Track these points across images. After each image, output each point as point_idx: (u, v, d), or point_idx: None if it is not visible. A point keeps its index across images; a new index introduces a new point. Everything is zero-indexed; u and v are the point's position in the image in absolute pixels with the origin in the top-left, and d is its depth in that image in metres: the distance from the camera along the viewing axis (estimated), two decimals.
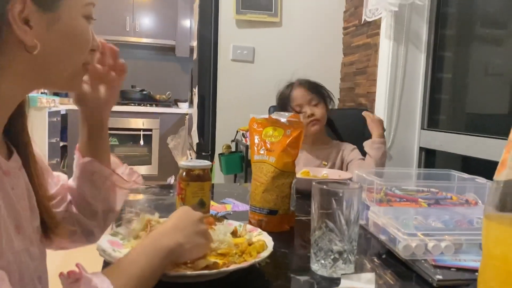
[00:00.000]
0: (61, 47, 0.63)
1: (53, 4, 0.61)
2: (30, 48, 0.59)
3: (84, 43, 0.67)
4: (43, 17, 0.60)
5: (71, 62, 0.66)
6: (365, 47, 2.47)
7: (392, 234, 0.84)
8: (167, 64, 5.29)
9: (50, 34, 0.61)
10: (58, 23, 0.62)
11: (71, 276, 0.51)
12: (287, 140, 0.98)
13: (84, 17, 0.66)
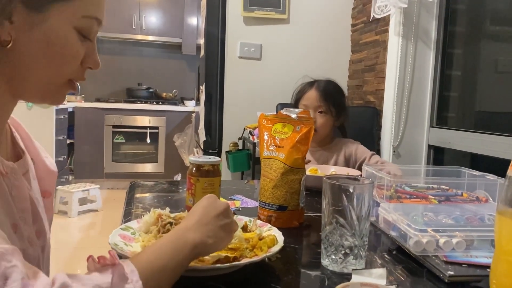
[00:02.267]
0: (39, 52, 0.59)
1: (42, 5, 0.58)
2: (3, 42, 0.56)
3: (67, 56, 0.62)
4: (28, 16, 0.57)
5: (49, 71, 0.62)
6: (374, 44, 2.46)
7: (403, 230, 0.84)
8: (174, 62, 5.30)
9: (31, 35, 0.58)
10: (42, 26, 0.58)
11: (100, 262, 0.51)
12: (296, 136, 0.98)
13: (76, 29, 0.62)
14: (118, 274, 0.49)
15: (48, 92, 0.64)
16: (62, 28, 0.60)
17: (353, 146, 1.75)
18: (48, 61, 0.61)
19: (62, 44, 0.61)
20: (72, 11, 0.60)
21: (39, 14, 0.58)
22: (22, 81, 0.61)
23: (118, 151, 4.75)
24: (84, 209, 3.76)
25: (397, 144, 2.22)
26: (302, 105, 1.72)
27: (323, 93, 1.70)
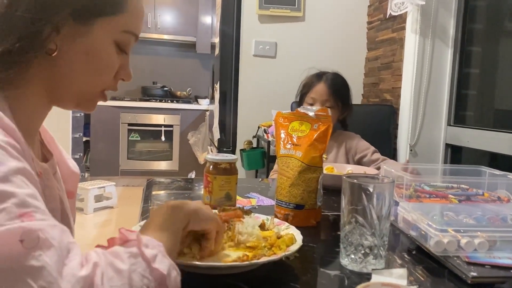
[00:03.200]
0: (80, 62, 0.62)
1: (88, 19, 0.60)
2: (49, 50, 0.59)
3: (104, 68, 0.65)
4: (74, 27, 0.60)
5: (85, 81, 0.64)
6: (390, 42, 2.43)
7: (423, 230, 0.83)
8: (188, 60, 5.32)
9: (75, 46, 0.61)
10: (86, 38, 0.61)
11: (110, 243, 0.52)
12: (314, 134, 0.97)
13: (116, 43, 0.64)
14: (138, 243, 0.51)
15: (83, 100, 0.67)
16: (103, 41, 0.63)
17: (354, 139, 1.74)
18: (87, 71, 0.63)
19: (101, 56, 0.63)
20: (114, 25, 0.63)
21: (84, 26, 0.60)
22: (61, 88, 0.64)
23: (133, 148, 4.79)
24: (100, 206, 3.80)
25: (414, 142, 2.19)
26: (310, 98, 1.70)
27: (331, 87, 1.69)
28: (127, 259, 0.48)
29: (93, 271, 0.44)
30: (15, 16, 0.55)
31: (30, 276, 0.40)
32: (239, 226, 0.76)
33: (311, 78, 1.74)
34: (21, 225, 0.42)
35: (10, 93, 0.57)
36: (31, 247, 0.41)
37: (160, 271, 0.50)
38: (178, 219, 0.62)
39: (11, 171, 0.45)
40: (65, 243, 0.45)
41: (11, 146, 0.48)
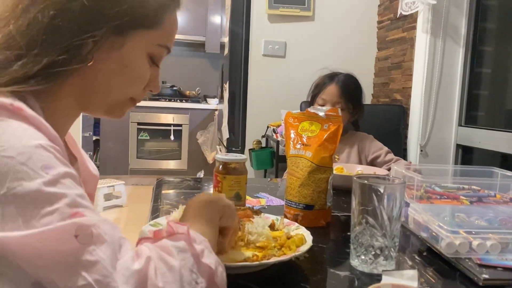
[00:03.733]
0: (114, 73, 0.63)
1: (124, 31, 0.61)
2: (85, 59, 0.60)
3: (136, 79, 0.66)
4: (109, 39, 0.60)
5: (117, 91, 0.66)
6: (401, 41, 2.41)
7: (434, 231, 0.82)
8: (197, 60, 5.33)
9: (109, 56, 0.62)
10: (121, 49, 0.62)
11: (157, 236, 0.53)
12: (324, 134, 0.97)
13: (149, 55, 0.66)
14: (184, 237, 0.51)
15: (112, 108, 0.68)
16: (137, 53, 0.64)
17: (367, 140, 1.73)
18: (119, 81, 0.65)
19: (134, 67, 0.65)
20: (149, 38, 0.64)
21: (121, 38, 0.61)
22: (93, 98, 0.65)
23: (143, 148, 4.81)
24: (109, 204, 3.83)
25: (425, 143, 2.17)
26: (321, 99, 1.70)
27: (343, 89, 1.68)
28: (177, 254, 0.48)
29: (146, 264, 0.45)
30: (60, 28, 0.56)
31: (86, 270, 0.41)
32: (249, 226, 0.76)
33: (323, 79, 1.74)
34: (75, 221, 0.43)
35: (46, 105, 0.58)
36: (85, 242, 0.42)
37: (209, 266, 0.50)
38: (214, 212, 0.63)
39: (61, 174, 0.47)
40: (116, 238, 0.46)
41: (56, 150, 0.49)
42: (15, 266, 0.42)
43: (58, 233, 0.42)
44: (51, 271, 0.41)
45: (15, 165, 0.45)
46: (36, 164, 0.46)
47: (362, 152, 1.71)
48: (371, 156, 1.70)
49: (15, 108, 0.49)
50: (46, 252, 0.41)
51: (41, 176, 0.45)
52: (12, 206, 0.43)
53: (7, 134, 0.47)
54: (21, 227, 0.42)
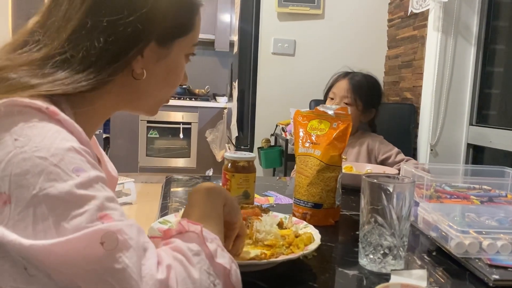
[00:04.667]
0: (161, 79, 0.67)
1: (169, 42, 0.65)
2: (137, 75, 0.63)
3: (179, 79, 0.71)
4: (156, 51, 0.64)
5: (163, 93, 0.70)
6: (411, 40, 2.39)
7: (443, 231, 0.81)
8: (206, 58, 5.34)
9: (157, 67, 0.65)
10: (166, 58, 0.66)
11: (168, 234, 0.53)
12: (333, 133, 0.97)
13: (186, 55, 0.70)
14: (196, 238, 0.51)
15: (153, 108, 0.72)
16: (179, 58, 0.68)
17: (377, 140, 1.72)
18: (165, 86, 0.69)
19: (178, 72, 0.70)
20: (187, 42, 0.68)
21: (165, 49, 0.65)
22: (135, 102, 0.69)
23: (152, 145, 4.84)
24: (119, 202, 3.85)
25: (435, 142, 2.15)
26: (332, 92, 1.71)
27: (353, 85, 1.68)
28: (192, 258, 0.48)
29: (167, 274, 0.45)
30: (108, 41, 0.57)
31: (113, 278, 0.42)
32: (257, 224, 0.77)
33: (338, 75, 1.75)
34: (101, 228, 0.43)
35: (79, 110, 0.59)
36: (111, 249, 0.43)
37: (223, 266, 0.50)
38: (217, 202, 0.62)
39: (91, 177, 0.47)
40: (141, 243, 0.46)
41: (87, 153, 0.50)
42: (43, 271, 0.43)
43: (84, 240, 0.42)
44: (78, 279, 0.42)
45: (48, 166, 0.45)
46: (68, 166, 0.46)
47: (372, 152, 1.70)
48: (381, 157, 1.69)
49: (50, 111, 0.50)
50: (73, 260, 0.42)
51: (72, 178, 0.46)
52: (44, 206, 0.44)
53: (41, 135, 0.47)
54: (51, 228, 0.43)
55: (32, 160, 0.45)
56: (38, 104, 0.50)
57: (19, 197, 0.44)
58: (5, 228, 0.43)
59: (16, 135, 0.47)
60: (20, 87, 0.51)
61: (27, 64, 0.55)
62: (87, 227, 0.43)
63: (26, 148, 0.46)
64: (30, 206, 0.44)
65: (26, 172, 0.45)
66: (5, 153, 0.46)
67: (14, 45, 0.58)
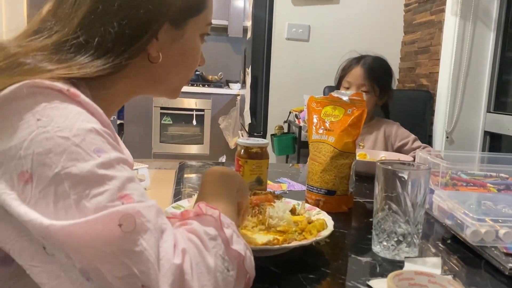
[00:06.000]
0: (178, 61, 0.67)
1: (183, 22, 0.64)
2: (153, 58, 0.63)
3: (196, 62, 0.70)
4: (170, 33, 0.63)
5: (182, 75, 0.70)
6: (428, 25, 2.34)
7: (459, 219, 0.80)
8: (220, 45, 5.31)
9: (172, 49, 0.65)
10: (181, 40, 0.65)
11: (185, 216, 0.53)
12: (348, 119, 0.95)
13: (201, 35, 0.69)
14: (214, 222, 0.51)
15: (173, 91, 0.72)
16: (194, 38, 0.68)
17: (394, 126, 1.70)
18: (183, 68, 0.69)
19: (194, 53, 0.69)
20: (201, 21, 0.67)
21: (179, 29, 0.64)
22: (154, 86, 0.68)
23: (166, 132, 4.86)
24: None
25: (451, 129, 2.12)
26: (346, 81, 1.68)
27: (368, 71, 1.65)
28: (208, 243, 0.48)
29: (183, 259, 0.45)
30: (127, 31, 0.58)
31: (131, 260, 0.42)
32: (270, 210, 0.77)
33: (349, 62, 1.71)
34: (118, 209, 0.43)
35: (97, 93, 0.59)
36: (129, 231, 0.43)
37: (238, 252, 0.50)
38: (232, 186, 0.64)
39: (112, 158, 0.48)
40: (159, 224, 0.46)
41: (108, 135, 0.50)
42: (62, 251, 0.43)
43: (102, 222, 0.42)
44: (96, 260, 0.42)
45: (70, 146, 0.46)
46: (89, 146, 0.47)
47: (389, 139, 1.68)
48: (397, 144, 1.67)
49: (71, 93, 0.50)
50: (91, 241, 0.42)
51: (93, 158, 0.46)
52: (65, 185, 0.44)
53: (63, 116, 0.48)
54: (72, 206, 0.43)
55: (54, 139, 0.46)
56: (59, 86, 0.50)
57: (41, 176, 0.45)
58: (27, 206, 0.44)
59: (39, 115, 0.47)
60: (38, 71, 0.52)
61: (38, 49, 0.55)
62: (107, 206, 0.43)
63: (49, 128, 0.46)
64: (52, 185, 0.44)
65: (49, 151, 0.45)
66: (28, 132, 0.46)
67: (26, 33, 0.58)
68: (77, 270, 0.43)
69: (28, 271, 0.45)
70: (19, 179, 0.45)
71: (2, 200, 0.45)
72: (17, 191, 0.45)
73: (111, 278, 0.42)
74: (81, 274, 0.43)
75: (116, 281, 0.42)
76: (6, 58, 0.53)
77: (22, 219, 0.44)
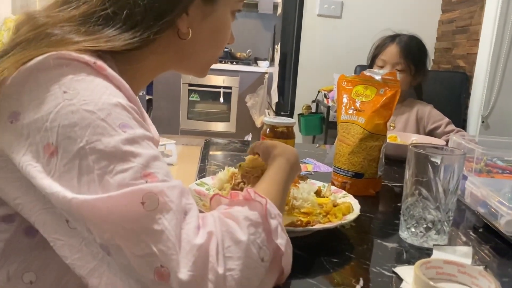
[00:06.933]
0: (207, 38, 0.65)
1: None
2: (182, 34, 0.61)
3: (225, 38, 0.68)
4: (201, 8, 0.61)
5: (210, 53, 0.68)
6: (469, 3, 2.22)
7: (493, 207, 0.77)
8: (249, 21, 5.24)
9: (202, 25, 0.63)
10: (212, 16, 0.63)
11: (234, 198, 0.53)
12: (380, 100, 0.92)
13: (232, 12, 0.67)
14: (260, 208, 0.50)
15: (201, 69, 0.70)
16: (225, 15, 0.66)
17: (427, 108, 1.65)
18: (213, 45, 0.67)
19: (225, 29, 0.67)
20: None
21: (210, 5, 0.62)
22: (185, 63, 0.67)
23: (193, 109, 4.89)
24: None
25: (487, 113, 2.03)
26: (380, 60, 1.62)
27: (404, 49, 1.59)
28: (246, 228, 0.47)
29: (208, 240, 0.44)
30: (157, 6, 0.56)
31: (151, 239, 0.41)
32: (294, 191, 0.75)
33: (384, 40, 1.66)
34: (142, 187, 0.43)
35: (124, 67, 0.58)
36: (151, 210, 0.42)
37: (278, 246, 0.49)
38: (293, 178, 0.67)
39: (137, 134, 0.47)
40: (182, 205, 0.45)
41: (134, 111, 0.50)
42: (84, 225, 0.43)
43: (125, 199, 0.42)
44: (117, 236, 0.42)
45: (95, 120, 0.45)
46: (114, 121, 0.46)
47: (421, 121, 1.63)
48: (430, 126, 1.62)
49: (98, 66, 0.49)
50: (113, 217, 0.42)
51: (118, 133, 0.45)
52: (89, 159, 0.44)
53: (89, 89, 0.47)
54: (95, 181, 0.43)
55: (80, 113, 0.45)
56: (86, 59, 0.49)
57: (66, 149, 0.44)
58: (51, 179, 0.44)
59: (65, 88, 0.47)
60: (65, 42, 0.51)
61: (66, 20, 0.54)
62: (130, 184, 0.43)
63: (75, 101, 0.46)
64: (76, 158, 0.44)
65: (74, 125, 0.45)
66: (55, 104, 0.46)
67: (56, 3, 0.57)
68: (98, 245, 0.43)
69: (51, 244, 0.46)
70: (44, 152, 0.45)
71: (27, 171, 0.45)
72: (42, 163, 0.45)
73: (130, 255, 0.42)
74: (102, 248, 0.43)
75: (135, 259, 0.42)
76: (34, 29, 0.52)
77: (45, 191, 0.44)
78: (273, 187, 0.59)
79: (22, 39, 0.51)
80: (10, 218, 0.51)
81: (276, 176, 0.62)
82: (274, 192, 0.57)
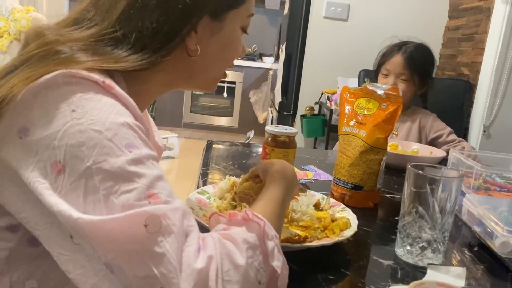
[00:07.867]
0: (216, 54, 0.65)
1: (223, 14, 0.63)
2: (191, 51, 0.61)
3: (235, 53, 0.69)
4: (210, 26, 0.62)
5: (218, 68, 0.68)
6: (475, 11, 2.22)
7: (488, 227, 0.78)
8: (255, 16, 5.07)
9: (211, 42, 0.63)
10: (220, 32, 0.64)
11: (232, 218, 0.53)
12: (382, 114, 0.92)
13: (242, 27, 0.67)
14: (258, 230, 0.51)
15: (210, 85, 0.70)
16: (234, 31, 0.66)
17: (430, 117, 1.66)
18: (221, 61, 0.67)
19: (234, 45, 0.67)
20: (241, 13, 0.65)
21: (219, 22, 0.63)
22: (193, 80, 0.67)
23: (197, 102, 4.89)
24: (162, 155, 3.95)
25: (489, 123, 2.03)
26: (385, 69, 1.63)
27: (408, 60, 1.59)
28: (245, 252, 0.48)
29: (208, 264, 0.44)
30: (160, 20, 0.57)
31: (153, 261, 0.42)
32: (293, 203, 0.76)
33: (390, 48, 1.66)
34: (145, 210, 0.44)
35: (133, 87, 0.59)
36: (154, 232, 0.43)
37: (275, 268, 0.50)
38: (290, 196, 0.66)
39: (143, 154, 0.48)
40: (184, 227, 0.46)
41: (141, 130, 0.51)
42: (89, 243, 0.45)
43: (129, 221, 0.43)
44: (119, 257, 0.43)
45: (102, 140, 0.46)
46: (121, 141, 0.47)
47: (423, 130, 1.64)
48: (432, 135, 1.63)
49: (107, 85, 0.50)
50: (116, 238, 0.43)
51: (125, 154, 0.46)
52: (95, 179, 0.45)
53: (97, 109, 0.48)
54: (100, 201, 0.44)
55: (87, 132, 0.46)
56: (95, 77, 0.50)
57: (73, 168, 0.45)
58: (57, 196, 0.45)
59: (74, 106, 0.48)
60: (74, 61, 0.52)
61: (76, 40, 0.55)
62: (134, 205, 0.44)
63: (83, 120, 0.47)
64: (83, 178, 0.45)
65: (82, 144, 0.46)
66: (63, 122, 0.47)
67: (65, 22, 0.58)
68: (102, 263, 0.45)
69: (55, 258, 0.47)
70: (52, 169, 0.46)
71: (35, 188, 0.46)
72: (50, 180, 0.46)
73: (132, 276, 0.43)
74: (106, 266, 0.45)
75: (136, 281, 0.43)
76: (44, 45, 0.53)
77: (52, 208, 0.45)
78: (271, 206, 0.60)
79: (31, 55, 0.52)
80: (15, 228, 0.52)
81: (274, 195, 0.62)
82: (271, 212, 0.58)
